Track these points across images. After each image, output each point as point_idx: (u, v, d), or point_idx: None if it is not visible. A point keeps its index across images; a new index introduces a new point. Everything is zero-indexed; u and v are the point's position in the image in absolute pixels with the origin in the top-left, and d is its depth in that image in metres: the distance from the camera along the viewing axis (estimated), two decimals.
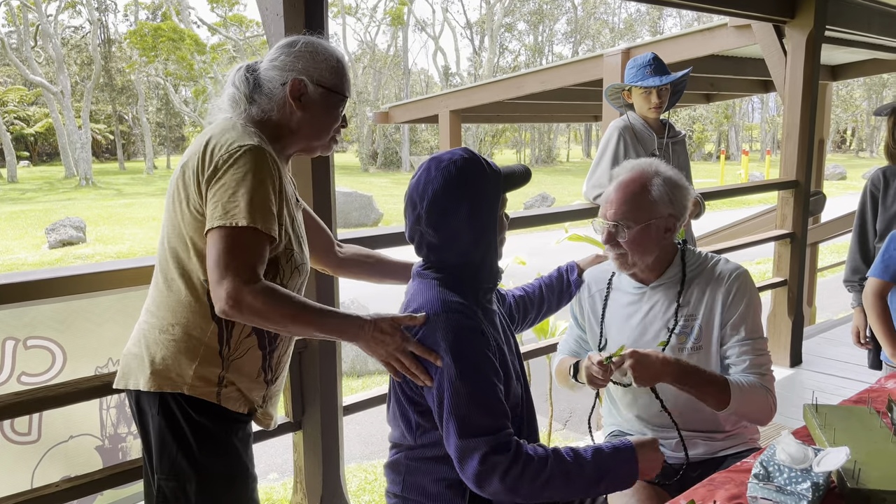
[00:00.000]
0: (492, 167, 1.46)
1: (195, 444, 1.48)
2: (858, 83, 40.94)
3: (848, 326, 5.06)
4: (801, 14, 3.93)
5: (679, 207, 1.77)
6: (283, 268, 1.51)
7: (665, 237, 1.78)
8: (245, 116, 1.52)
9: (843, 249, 12.86)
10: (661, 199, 1.75)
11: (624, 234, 1.74)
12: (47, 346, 1.81)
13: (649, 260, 1.79)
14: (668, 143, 3.07)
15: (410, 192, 1.45)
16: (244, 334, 1.50)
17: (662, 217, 1.75)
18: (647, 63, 2.93)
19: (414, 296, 1.47)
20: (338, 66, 1.54)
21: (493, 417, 1.35)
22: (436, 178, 1.41)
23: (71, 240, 15.48)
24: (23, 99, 35.69)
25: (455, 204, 1.40)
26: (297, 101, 1.51)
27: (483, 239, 1.45)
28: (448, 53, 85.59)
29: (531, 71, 6.34)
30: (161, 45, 29.19)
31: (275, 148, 1.51)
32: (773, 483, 1.27)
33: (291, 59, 1.51)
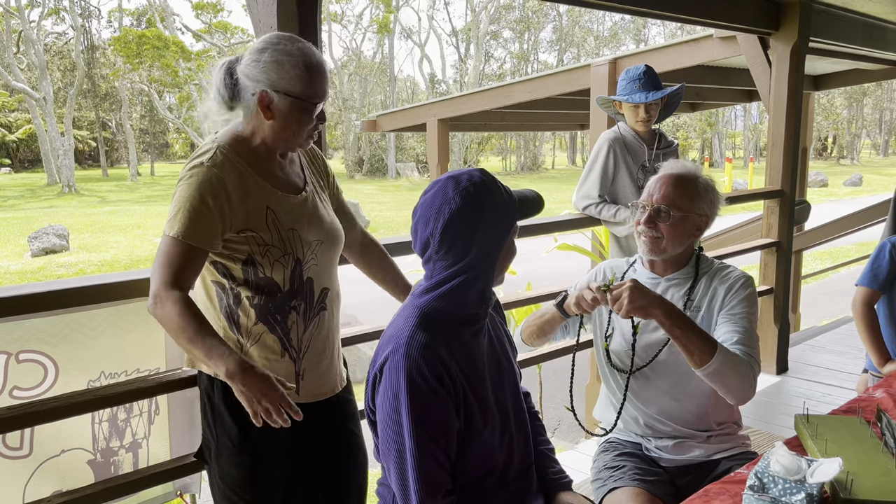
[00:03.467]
0: (507, 192, 1.46)
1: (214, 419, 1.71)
2: (839, 92, 41.39)
3: (833, 333, 5.13)
4: (785, 26, 3.98)
5: (713, 211, 1.89)
6: (259, 263, 1.63)
7: (695, 234, 1.88)
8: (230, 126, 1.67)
9: (827, 256, 13.01)
10: (704, 197, 1.87)
11: (667, 217, 1.82)
12: (39, 360, 1.79)
13: (677, 251, 1.87)
14: (658, 154, 3.10)
15: (424, 209, 1.43)
16: (251, 323, 1.66)
17: (700, 215, 1.86)
18: (638, 77, 2.95)
19: (395, 319, 1.49)
20: (304, 74, 1.58)
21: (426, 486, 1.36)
22: (454, 199, 1.39)
23: (54, 248, 15.34)
24: (4, 105, 35.30)
25: (470, 227, 1.39)
26: (267, 110, 1.60)
27: (486, 264, 1.43)
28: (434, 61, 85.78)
29: (519, 80, 6.37)
30: (145, 52, 29.00)
31: (251, 151, 1.65)
32: (767, 494, 1.29)
33: (259, 70, 1.59)
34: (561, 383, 6.63)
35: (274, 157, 1.70)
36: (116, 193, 28.78)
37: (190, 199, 1.55)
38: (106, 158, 38.07)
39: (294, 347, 1.71)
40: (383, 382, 1.40)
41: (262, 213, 1.63)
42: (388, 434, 1.39)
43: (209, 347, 1.51)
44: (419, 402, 1.36)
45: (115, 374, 1.92)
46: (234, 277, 1.65)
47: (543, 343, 2.03)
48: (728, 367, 1.64)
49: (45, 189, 29.51)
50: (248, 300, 1.65)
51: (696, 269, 1.91)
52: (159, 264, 1.56)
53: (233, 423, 1.68)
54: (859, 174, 32.15)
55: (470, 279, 1.41)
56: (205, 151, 1.62)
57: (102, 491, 1.86)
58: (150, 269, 1.64)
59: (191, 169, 1.59)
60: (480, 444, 1.46)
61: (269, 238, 1.64)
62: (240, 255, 1.63)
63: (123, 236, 17.82)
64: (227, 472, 1.72)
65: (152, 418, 2.04)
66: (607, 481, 1.85)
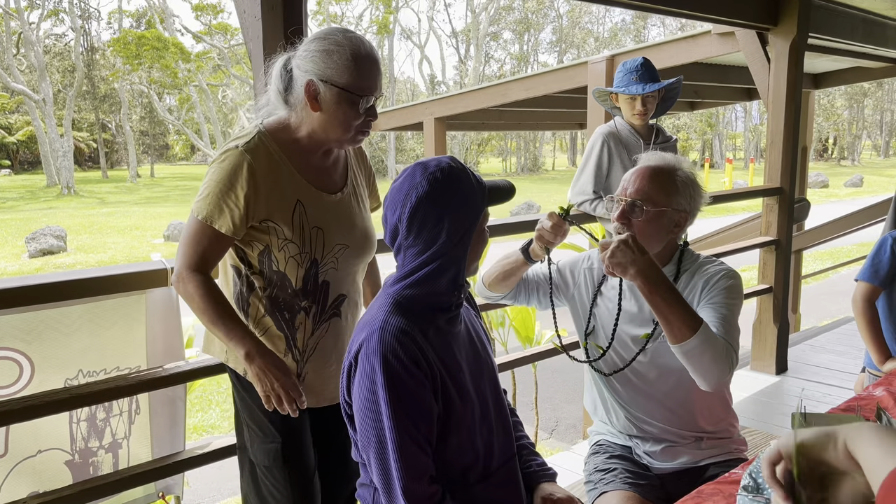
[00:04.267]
0: (477, 179, 1.43)
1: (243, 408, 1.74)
2: (840, 92, 41.40)
3: (833, 333, 5.08)
4: (784, 21, 3.94)
5: (694, 206, 1.78)
6: (275, 256, 1.62)
7: (673, 231, 1.76)
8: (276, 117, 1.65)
9: (827, 257, 12.96)
10: (683, 191, 1.75)
11: (640, 213, 1.72)
12: (14, 357, 1.74)
13: (654, 249, 1.75)
14: (655, 149, 3.04)
15: (392, 195, 1.41)
16: (260, 314, 1.66)
17: (678, 210, 1.75)
18: (635, 69, 2.90)
19: (369, 309, 1.45)
20: (351, 64, 1.54)
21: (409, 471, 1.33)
22: (420, 184, 1.37)
23: (51, 249, 15.30)
24: (4, 107, 35.32)
25: (438, 211, 1.36)
26: (314, 100, 1.57)
27: (456, 250, 1.40)
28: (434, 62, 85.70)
29: (516, 78, 6.32)
30: (145, 53, 28.98)
31: (293, 141, 1.63)
32: (762, 495, 1.24)
33: (307, 60, 1.56)
34: (557, 384, 6.58)
35: (317, 152, 1.66)
36: (116, 195, 28.75)
37: (220, 183, 1.55)
38: (106, 160, 38.08)
39: (298, 349, 1.68)
40: (359, 370, 1.36)
41: (290, 205, 1.61)
42: (366, 422, 1.35)
43: (229, 329, 1.57)
44: (396, 385, 1.32)
45: (93, 373, 1.87)
46: (251, 265, 1.64)
47: (506, 290, 1.95)
48: (708, 348, 1.54)
49: (44, 190, 29.49)
50: (261, 290, 1.64)
51: (678, 266, 1.81)
52: (184, 244, 1.58)
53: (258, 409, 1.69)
54: (860, 175, 32.08)
55: (442, 266, 1.38)
56: (244, 134, 1.61)
57: (81, 492, 1.81)
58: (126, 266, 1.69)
59: (225, 151, 1.58)
60: (461, 432, 1.43)
61: (290, 233, 1.61)
62: (258, 244, 1.62)
63: (121, 237, 17.78)
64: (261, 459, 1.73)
65: (133, 418, 1.99)
66: (598, 484, 1.81)
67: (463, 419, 1.43)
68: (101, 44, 37.33)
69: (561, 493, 1.57)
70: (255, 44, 2.03)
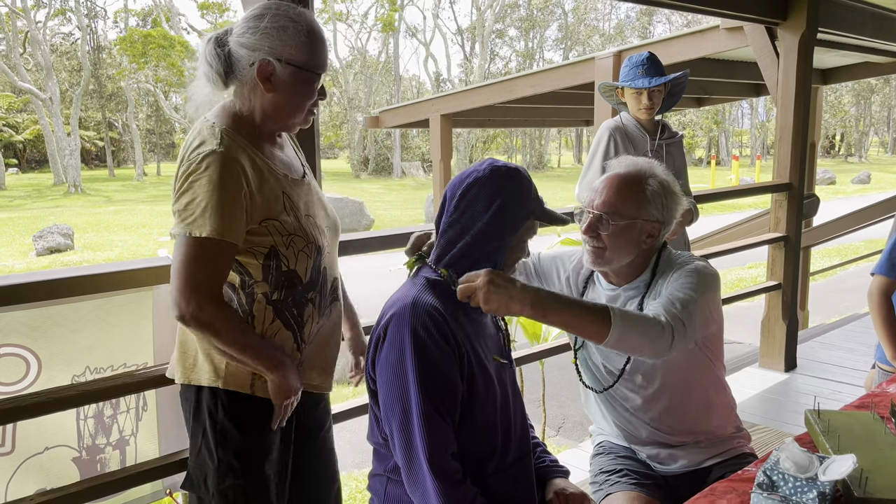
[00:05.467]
0: (535, 194, 1.48)
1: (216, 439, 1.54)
2: (847, 89, 41.18)
3: (842, 330, 5.04)
4: (793, 15, 3.91)
5: (668, 215, 1.70)
6: (283, 255, 1.50)
7: (646, 242, 1.70)
8: (220, 105, 1.52)
9: (835, 254, 12.89)
10: (654, 200, 1.67)
11: (607, 226, 1.65)
12: (21, 353, 1.73)
13: (625, 261, 1.70)
14: (661, 145, 3.02)
15: (457, 178, 1.48)
16: (267, 321, 1.54)
17: (649, 220, 1.67)
18: (641, 63, 2.87)
19: (403, 286, 1.49)
20: (308, 41, 1.46)
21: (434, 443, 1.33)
22: (485, 170, 1.45)
23: (58, 247, 15.34)
24: (11, 106, 35.40)
25: (488, 196, 1.42)
26: (267, 81, 1.46)
27: (493, 244, 1.43)
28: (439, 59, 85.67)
29: (522, 74, 6.29)
30: (151, 52, 29.03)
31: (253, 131, 1.51)
32: (777, 493, 1.22)
33: (258, 37, 1.44)
34: (564, 381, 6.55)
35: (274, 139, 1.57)
36: (122, 193, 28.82)
37: (214, 191, 1.38)
38: (112, 158, 38.16)
39: (304, 341, 1.62)
40: (387, 340, 1.38)
41: (279, 199, 1.51)
42: (392, 392, 1.35)
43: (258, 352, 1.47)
44: (425, 357, 1.34)
45: (100, 369, 1.86)
46: (251, 276, 1.50)
47: None
48: (630, 330, 1.43)
49: (51, 189, 29.57)
50: (266, 297, 1.52)
51: (653, 272, 1.71)
52: (189, 272, 1.38)
53: (242, 441, 1.54)
54: (867, 172, 31.92)
55: (477, 248, 1.42)
56: (208, 137, 1.44)
57: (88, 489, 1.80)
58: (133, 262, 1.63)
59: (203, 159, 1.40)
60: (482, 418, 1.43)
61: (291, 226, 1.52)
62: (262, 249, 1.48)
63: (128, 235, 17.82)
64: (233, 497, 1.56)
65: (140, 415, 1.98)
66: (603, 485, 1.79)
67: (484, 405, 1.44)
68: (108, 42, 37.38)
69: (573, 489, 1.56)
70: None
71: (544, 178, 35.60)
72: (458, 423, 1.40)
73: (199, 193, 1.39)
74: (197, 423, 1.57)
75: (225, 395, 1.54)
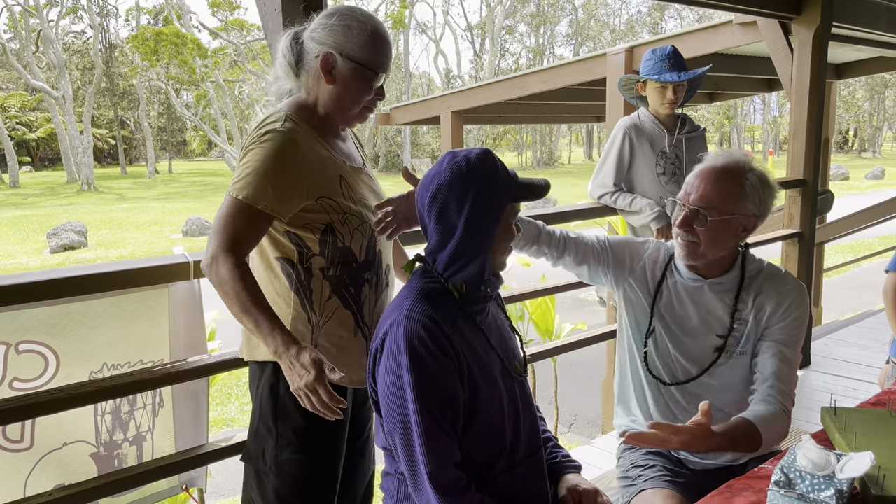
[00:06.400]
0: (506, 171, 1.42)
1: (276, 413, 1.62)
2: (860, 83, 40.78)
3: (856, 327, 5.00)
4: (807, 10, 3.87)
5: (764, 209, 1.69)
6: (339, 231, 1.60)
7: (741, 236, 1.69)
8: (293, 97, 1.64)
9: (849, 250, 12.80)
10: (752, 195, 1.65)
11: (704, 221, 1.63)
12: (40, 350, 1.75)
13: (719, 255, 1.69)
14: (680, 140, 2.98)
15: (422, 182, 1.44)
16: (325, 297, 1.60)
17: (746, 215, 1.66)
18: (667, 56, 2.82)
19: (401, 291, 1.48)
20: (370, 40, 1.56)
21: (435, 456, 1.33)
22: (445, 171, 1.40)
23: (72, 244, 15.46)
24: (25, 104, 35.67)
25: (457, 199, 1.37)
26: (329, 73, 1.57)
27: (479, 242, 1.39)
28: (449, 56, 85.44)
29: (533, 71, 6.27)
30: (163, 50, 29.12)
31: (317, 121, 1.62)
32: (794, 490, 1.22)
33: (326, 32, 1.57)
34: (577, 378, 6.55)
35: (337, 129, 1.68)
36: (134, 191, 29.00)
37: (264, 162, 1.50)
38: (124, 156, 38.39)
39: (367, 324, 1.66)
40: (384, 356, 1.37)
41: (336, 181, 1.61)
42: (392, 407, 1.35)
43: (260, 321, 1.47)
44: (422, 371, 1.32)
45: (117, 366, 1.88)
46: (309, 249, 1.59)
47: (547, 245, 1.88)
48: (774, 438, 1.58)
49: (64, 187, 29.78)
50: (323, 272, 1.60)
51: (741, 272, 1.73)
52: (220, 225, 1.50)
53: (301, 417, 1.60)
54: (881, 167, 31.63)
55: (463, 255, 1.39)
56: (275, 120, 1.57)
57: (106, 485, 1.82)
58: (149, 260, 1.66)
59: (264, 134, 1.53)
60: (487, 421, 1.42)
61: (346, 206, 1.61)
62: (319, 224, 1.58)
63: (141, 232, 17.93)
64: (288, 470, 1.63)
65: (156, 411, 2.00)
66: (636, 480, 1.76)
67: (490, 408, 1.43)
68: (120, 41, 37.56)
69: (586, 485, 1.55)
70: (275, 37, 2.02)
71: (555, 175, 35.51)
72: (462, 429, 1.39)
73: (250, 161, 1.51)
74: (258, 398, 1.66)
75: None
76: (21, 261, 14.49)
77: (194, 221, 17.44)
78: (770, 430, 1.57)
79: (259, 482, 1.68)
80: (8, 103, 34.95)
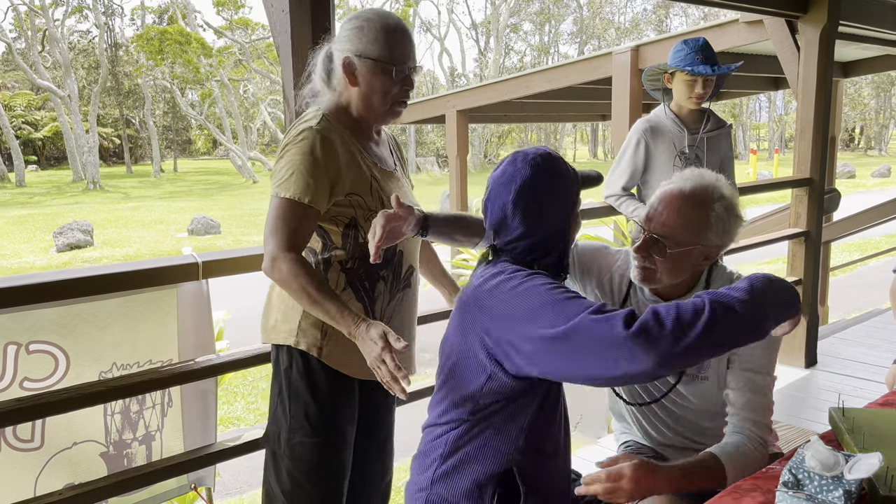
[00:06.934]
0: (569, 166, 1.50)
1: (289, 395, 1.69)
2: (866, 81, 40.63)
3: (863, 326, 4.99)
4: (814, 9, 3.86)
5: (727, 239, 1.59)
6: (362, 227, 1.66)
7: (702, 264, 1.61)
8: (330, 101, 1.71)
9: (855, 248, 12.76)
10: (717, 226, 1.55)
11: (662, 251, 1.54)
12: (50, 350, 1.76)
13: (676, 281, 1.62)
14: (703, 138, 2.86)
15: (495, 184, 1.47)
16: (339, 288, 1.67)
17: (708, 246, 1.57)
18: (700, 48, 2.67)
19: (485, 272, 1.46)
20: (381, 35, 1.61)
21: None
22: (523, 169, 1.44)
23: (78, 243, 15.51)
24: (30, 104, 35.80)
25: (541, 192, 1.44)
26: (351, 76, 1.64)
27: (560, 231, 1.47)
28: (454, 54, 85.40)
29: (538, 70, 6.27)
30: (168, 49, 29.20)
31: (352, 122, 1.69)
32: (803, 491, 1.22)
33: (343, 39, 1.65)
34: None
35: (371, 132, 1.74)
36: (140, 190, 29.06)
37: (304, 159, 1.57)
38: (130, 155, 38.47)
39: (378, 319, 1.69)
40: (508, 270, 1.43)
41: (367, 180, 1.67)
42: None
43: (329, 309, 1.52)
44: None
45: (127, 366, 1.89)
46: (332, 241, 1.66)
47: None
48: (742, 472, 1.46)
49: (70, 186, 29.87)
50: (341, 264, 1.66)
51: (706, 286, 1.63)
52: (274, 227, 1.56)
53: (312, 401, 1.68)
54: (888, 165, 31.50)
55: (546, 247, 1.45)
56: (311, 118, 1.64)
57: (115, 484, 1.84)
58: (158, 260, 1.70)
59: (300, 133, 1.61)
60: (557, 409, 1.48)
61: (374, 204, 1.67)
62: (343, 219, 1.65)
63: (146, 231, 17.97)
64: (300, 453, 1.70)
65: (165, 410, 2.01)
66: None
67: (559, 398, 1.50)
68: (125, 40, 37.66)
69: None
70: (283, 38, 2.03)
71: None
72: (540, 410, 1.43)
73: (290, 160, 1.58)
74: (275, 380, 1.73)
75: (299, 354, 1.68)
76: (28, 260, 14.55)
77: (199, 220, 17.48)
78: (738, 464, 1.48)
79: (275, 464, 1.74)
80: (14, 102, 35.09)
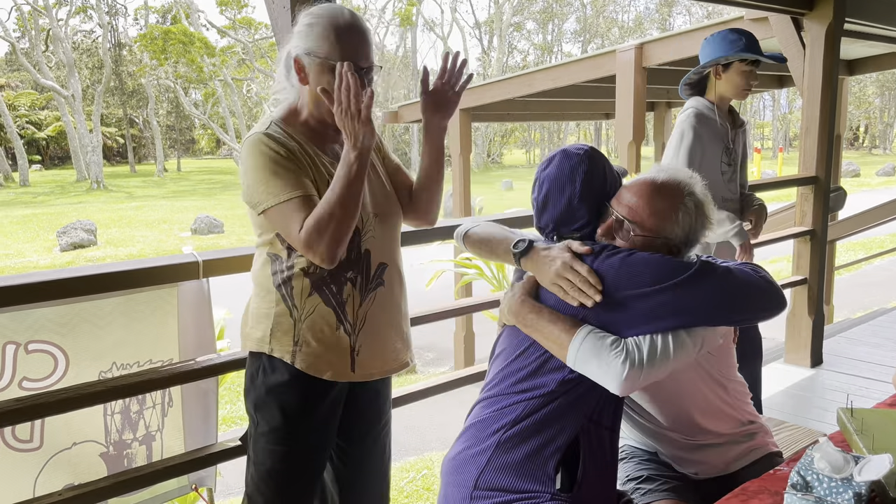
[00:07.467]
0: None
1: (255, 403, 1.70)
2: (871, 80, 40.48)
3: (869, 325, 4.96)
4: (819, 6, 3.83)
5: (693, 239, 1.58)
6: None
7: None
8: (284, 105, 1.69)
9: (860, 247, 12.71)
10: (683, 221, 1.55)
11: (627, 235, 1.54)
12: (49, 350, 1.75)
13: None
14: (737, 134, 2.77)
15: (554, 180, 1.59)
16: (305, 294, 1.64)
17: (671, 239, 1.56)
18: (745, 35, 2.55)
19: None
20: (330, 33, 1.57)
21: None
22: (582, 162, 1.59)
23: (82, 242, 15.54)
24: (34, 103, 35.87)
25: (600, 182, 1.59)
26: (301, 73, 1.61)
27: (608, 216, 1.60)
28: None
29: (542, 68, 6.25)
30: (171, 48, 29.22)
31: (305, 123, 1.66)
32: (812, 493, 1.20)
33: (295, 37, 1.61)
34: None
35: (327, 130, 1.68)
36: (143, 189, 29.11)
37: (266, 163, 1.55)
38: (133, 155, 38.56)
39: (349, 321, 1.66)
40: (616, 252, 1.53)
41: (325, 182, 1.61)
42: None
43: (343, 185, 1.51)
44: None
45: (127, 365, 1.88)
46: (293, 247, 1.62)
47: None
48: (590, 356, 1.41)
49: (74, 185, 29.93)
50: (303, 270, 1.62)
51: None
52: (287, 232, 1.56)
53: (279, 412, 1.66)
54: (892, 164, 31.37)
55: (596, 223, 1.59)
56: (259, 125, 1.64)
57: (115, 484, 1.83)
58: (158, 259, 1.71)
59: (245, 142, 1.61)
60: None
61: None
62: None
63: (150, 231, 18.00)
64: (263, 459, 1.70)
65: (166, 410, 1.99)
66: (634, 494, 1.72)
67: None
68: (128, 39, 37.68)
69: None
70: (284, 35, 2.01)
71: None
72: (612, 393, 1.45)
73: (252, 172, 1.57)
74: (248, 386, 1.73)
75: (268, 361, 1.66)
76: (31, 259, 14.58)
77: (203, 220, 17.49)
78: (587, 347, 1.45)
79: (248, 463, 1.77)
80: (18, 102, 35.15)
